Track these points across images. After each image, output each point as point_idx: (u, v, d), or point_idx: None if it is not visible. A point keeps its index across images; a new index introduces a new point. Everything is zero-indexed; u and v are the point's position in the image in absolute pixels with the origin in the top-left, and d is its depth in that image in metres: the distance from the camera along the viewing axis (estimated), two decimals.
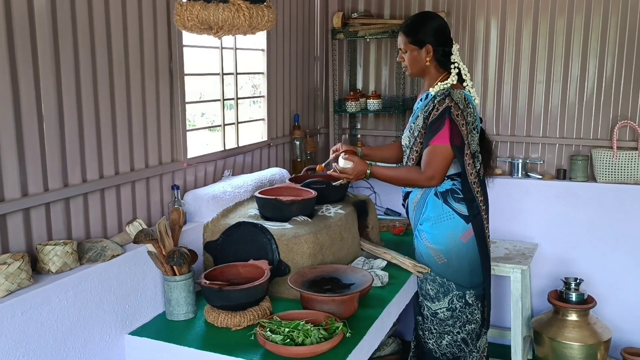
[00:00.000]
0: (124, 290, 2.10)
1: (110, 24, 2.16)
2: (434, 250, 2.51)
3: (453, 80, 2.45)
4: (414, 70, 2.55)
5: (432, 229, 2.50)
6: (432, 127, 2.40)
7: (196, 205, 2.56)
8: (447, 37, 2.51)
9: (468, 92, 2.47)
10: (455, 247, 2.47)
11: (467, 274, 2.50)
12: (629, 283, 3.49)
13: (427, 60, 2.48)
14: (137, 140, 2.35)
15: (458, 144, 2.37)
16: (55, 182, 2.00)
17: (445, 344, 2.57)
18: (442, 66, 2.50)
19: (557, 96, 3.58)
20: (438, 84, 2.47)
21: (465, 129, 2.37)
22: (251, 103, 3.45)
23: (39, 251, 1.89)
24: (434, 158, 2.38)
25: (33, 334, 1.77)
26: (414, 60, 2.51)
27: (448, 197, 2.47)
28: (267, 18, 1.92)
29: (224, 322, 2.10)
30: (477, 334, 2.58)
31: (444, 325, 2.55)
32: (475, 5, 3.64)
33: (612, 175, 3.42)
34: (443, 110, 2.38)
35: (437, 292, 2.53)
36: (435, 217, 2.49)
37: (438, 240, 2.49)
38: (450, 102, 2.38)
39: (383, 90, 3.94)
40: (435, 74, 2.51)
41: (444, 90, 2.43)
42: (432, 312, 2.57)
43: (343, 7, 3.91)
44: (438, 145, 2.38)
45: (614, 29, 3.40)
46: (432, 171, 2.38)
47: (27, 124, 1.88)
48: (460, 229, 2.47)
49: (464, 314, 2.53)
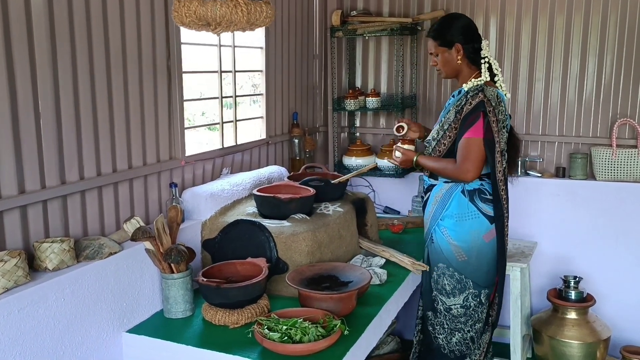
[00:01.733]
0: (122, 288, 2.10)
1: (107, 21, 2.16)
2: (456, 247, 2.51)
3: (486, 77, 2.47)
4: (447, 71, 2.57)
5: (455, 226, 2.50)
6: (466, 121, 2.42)
7: (194, 203, 2.55)
8: (475, 33, 2.53)
9: (500, 87, 2.50)
10: (477, 246, 2.49)
11: (485, 273, 2.52)
12: (628, 281, 3.48)
13: (459, 59, 2.51)
14: (135, 138, 2.34)
15: (490, 138, 2.38)
16: (53, 180, 1.99)
17: (455, 341, 2.57)
18: (474, 63, 2.52)
19: (557, 94, 3.57)
20: (472, 80, 2.48)
21: (496, 126, 2.38)
22: (251, 102, 3.44)
23: (36, 248, 1.89)
24: (469, 151, 2.40)
25: (30, 332, 1.76)
26: (445, 62, 2.54)
27: (475, 196, 2.48)
28: (266, 14, 1.92)
29: (221, 320, 2.09)
30: (481, 332, 2.59)
31: (456, 322, 2.56)
32: (474, 4, 3.63)
33: (611, 173, 3.41)
34: (477, 105, 2.40)
35: (453, 287, 2.54)
36: (459, 214, 2.49)
37: (461, 237, 2.50)
38: (484, 98, 2.39)
39: (382, 88, 3.93)
40: (468, 72, 2.53)
41: (477, 87, 2.45)
42: (446, 307, 2.57)
43: (342, 5, 3.90)
44: (472, 138, 2.40)
45: (614, 27, 3.39)
46: (467, 165, 2.40)
47: (24, 121, 1.88)
48: (484, 228, 2.48)
49: (476, 312, 2.54)
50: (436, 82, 3.80)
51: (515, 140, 2.62)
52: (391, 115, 3.89)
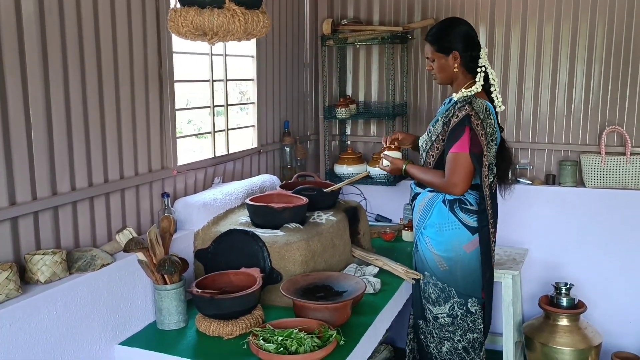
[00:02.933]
0: (114, 299, 2.07)
1: (99, 30, 2.14)
2: (437, 256, 2.50)
3: (478, 88, 2.42)
4: (442, 77, 2.51)
5: (436, 236, 2.49)
6: (453, 134, 2.38)
7: (187, 213, 2.53)
8: (474, 41, 2.47)
9: (495, 97, 2.47)
10: (458, 256, 2.47)
11: (470, 283, 2.49)
12: (618, 287, 3.51)
13: (455, 67, 2.45)
14: (126, 148, 2.32)
15: (477, 152, 2.34)
16: (44, 191, 1.97)
17: (446, 350, 2.56)
18: (471, 72, 2.47)
19: (546, 102, 3.60)
20: (462, 90, 2.44)
21: (484, 139, 2.35)
22: (238, 110, 3.43)
23: (28, 261, 1.86)
24: (455, 166, 2.36)
25: (22, 346, 1.73)
26: (442, 68, 2.48)
27: (455, 206, 2.45)
28: (263, 24, 1.90)
29: (215, 331, 2.07)
30: (481, 344, 2.57)
31: (444, 331, 2.54)
32: (463, 13, 3.66)
33: (600, 181, 3.44)
34: (463, 118, 2.35)
35: (438, 296, 2.53)
36: (439, 224, 2.48)
37: (442, 247, 2.49)
38: (471, 111, 2.35)
39: (373, 96, 3.94)
40: (462, 80, 2.48)
41: (466, 98, 2.41)
42: (433, 315, 2.56)
43: (332, 13, 3.91)
44: (458, 153, 2.36)
45: (601, 36, 3.43)
46: (455, 179, 2.36)
47: (15, 132, 1.85)
48: (464, 239, 2.46)
49: (465, 322, 2.52)
50: (427, 90, 3.82)
51: (507, 153, 2.59)
52: (382, 123, 3.90)
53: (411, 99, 3.86)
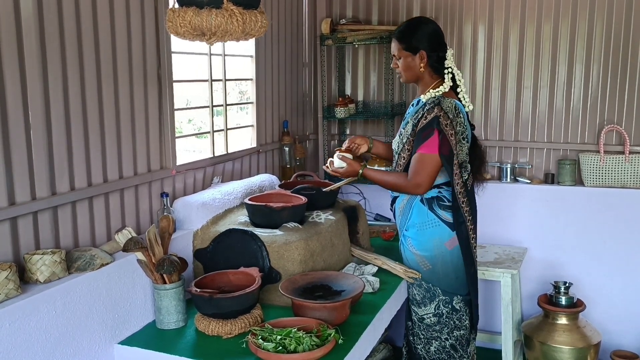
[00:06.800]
0: (114, 299, 2.08)
1: (98, 29, 2.14)
2: (419, 257, 2.51)
3: (445, 88, 2.43)
4: (408, 76, 2.52)
5: (417, 235, 2.50)
6: (421, 135, 2.38)
7: (186, 213, 2.54)
8: (441, 42, 2.48)
9: (462, 98, 2.47)
10: (440, 254, 2.47)
11: (453, 280, 2.50)
12: (617, 286, 3.51)
13: (422, 67, 2.45)
14: (125, 148, 2.32)
15: (446, 153, 2.35)
16: (43, 191, 1.97)
17: (434, 350, 2.56)
18: (437, 72, 2.47)
19: (545, 101, 3.60)
20: (430, 91, 2.45)
21: (454, 138, 2.35)
22: (238, 109, 3.43)
23: (27, 261, 1.86)
24: (421, 166, 2.37)
25: (21, 345, 1.74)
26: (407, 67, 2.49)
27: (434, 204, 2.46)
28: (261, 24, 1.91)
29: (214, 331, 2.08)
30: (467, 340, 2.58)
31: (431, 331, 2.55)
32: (462, 12, 3.66)
33: (599, 179, 3.45)
34: (431, 120, 2.36)
35: (423, 297, 2.53)
36: (420, 223, 2.49)
37: (423, 246, 2.49)
38: (440, 112, 2.35)
39: (371, 96, 3.95)
40: (429, 80, 2.49)
41: (434, 99, 2.41)
42: (419, 317, 2.57)
43: (331, 13, 3.92)
44: (426, 154, 2.36)
45: (600, 35, 3.44)
46: (419, 179, 2.37)
47: (14, 132, 1.86)
48: (445, 236, 2.46)
49: (451, 320, 2.52)
50: None
51: (479, 151, 2.59)
52: (381, 122, 3.90)
53: (410, 98, 3.86)
